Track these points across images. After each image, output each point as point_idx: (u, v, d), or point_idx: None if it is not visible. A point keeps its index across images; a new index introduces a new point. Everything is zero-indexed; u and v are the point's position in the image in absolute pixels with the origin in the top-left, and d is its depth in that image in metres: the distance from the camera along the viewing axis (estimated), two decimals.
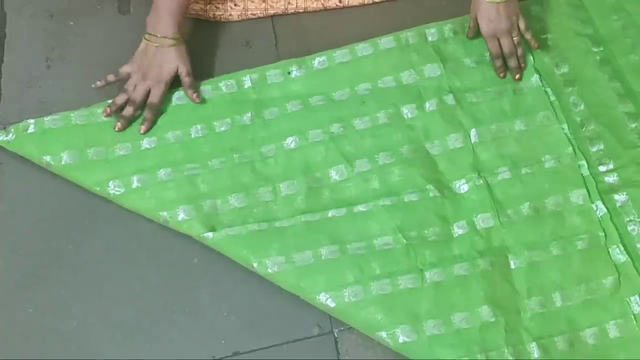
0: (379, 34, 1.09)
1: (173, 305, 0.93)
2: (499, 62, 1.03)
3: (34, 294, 0.95)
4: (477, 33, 1.05)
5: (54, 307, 0.93)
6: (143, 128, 1.02)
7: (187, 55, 1.05)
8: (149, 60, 1.03)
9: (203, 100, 1.05)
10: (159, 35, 1.02)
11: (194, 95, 1.04)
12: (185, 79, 1.04)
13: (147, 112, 1.03)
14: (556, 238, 0.92)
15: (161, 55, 1.03)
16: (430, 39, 1.09)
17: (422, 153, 0.99)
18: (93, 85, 1.04)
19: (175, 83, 1.07)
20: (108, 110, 1.03)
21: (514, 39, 1.02)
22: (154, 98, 1.03)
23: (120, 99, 1.03)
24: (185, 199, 0.97)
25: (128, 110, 1.02)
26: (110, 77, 1.04)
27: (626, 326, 0.86)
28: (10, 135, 1.04)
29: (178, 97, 1.06)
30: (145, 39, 1.04)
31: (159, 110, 1.04)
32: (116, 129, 1.02)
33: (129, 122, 1.03)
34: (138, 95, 1.02)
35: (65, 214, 1.00)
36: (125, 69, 1.04)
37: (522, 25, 1.02)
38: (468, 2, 1.04)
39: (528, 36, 1.03)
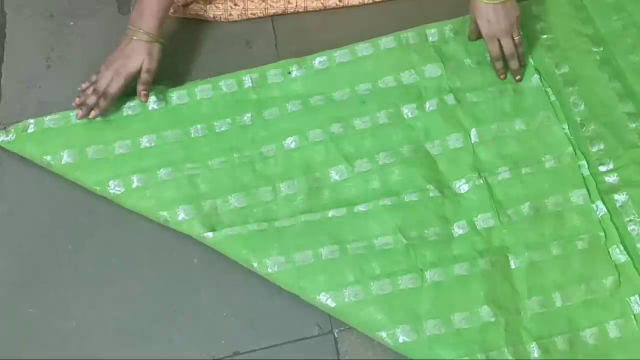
0: (379, 33, 1.09)
1: (173, 305, 0.93)
2: (499, 65, 1.03)
3: (34, 294, 0.95)
4: (479, 35, 1.04)
5: (54, 307, 0.94)
6: (93, 113, 1.02)
7: (158, 54, 1.04)
8: (119, 52, 1.03)
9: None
10: (140, 30, 1.02)
11: (143, 92, 1.02)
12: (143, 75, 1.02)
13: (102, 99, 1.02)
14: (556, 238, 0.92)
15: (132, 48, 1.02)
16: (430, 39, 1.09)
17: (422, 153, 0.99)
18: (78, 88, 1.04)
19: (175, 81, 1.07)
20: (77, 100, 1.03)
21: (515, 38, 1.02)
22: (111, 88, 1.01)
23: (89, 90, 1.03)
24: (185, 198, 0.97)
25: (90, 99, 1.02)
26: (93, 77, 1.04)
27: (626, 326, 0.86)
28: (11, 135, 1.04)
29: (178, 96, 1.06)
30: (125, 34, 1.03)
31: (114, 100, 1.03)
32: (77, 116, 1.02)
33: (90, 109, 1.02)
34: (100, 85, 1.02)
35: (65, 214, 1.00)
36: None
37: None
38: (468, 2, 1.04)
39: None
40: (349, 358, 0.89)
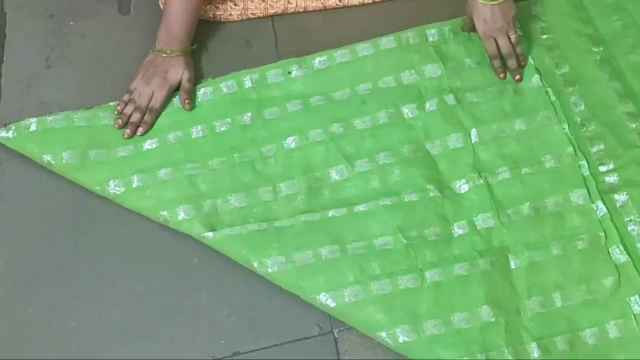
0: (379, 33, 1.09)
1: (173, 305, 0.93)
2: (497, 63, 1.03)
3: (34, 294, 0.95)
4: (472, 27, 1.05)
5: (54, 307, 0.94)
6: (141, 130, 1.03)
7: (192, 62, 1.08)
8: (154, 68, 1.05)
9: (194, 107, 1.06)
10: (168, 51, 1.05)
11: (186, 100, 1.04)
12: (186, 85, 1.05)
13: (148, 114, 1.03)
14: (556, 238, 0.92)
15: (168, 62, 1.05)
16: (431, 39, 1.09)
17: (422, 153, 0.99)
18: (115, 112, 1.04)
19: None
20: (120, 122, 1.03)
21: (511, 37, 1.02)
22: (155, 102, 1.04)
23: (129, 109, 1.04)
24: (185, 198, 0.97)
25: (135, 117, 1.03)
26: (125, 97, 1.05)
27: (626, 326, 0.86)
28: (11, 132, 1.04)
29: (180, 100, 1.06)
30: (153, 52, 1.06)
31: (159, 113, 1.05)
32: (125, 135, 1.02)
33: (137, 127, 1.03)
34: (143, 101, 1.04)
35: (65, 214, 1.00)
36: (132, 84, 1.05)
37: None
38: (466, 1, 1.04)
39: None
40: (349, 358, 0.89)
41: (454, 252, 0.91)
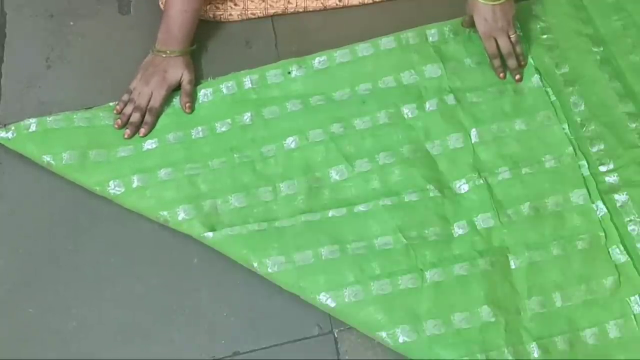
0: (379, 33, 1.09)
1: (173, 305, 0.93)
2: (497, 62, 1.03)
3: (34, 294, 0.95)
4: (472, 24, 1.05)
5: (54, 307, 0.94)
6: (142, 131, 1.03)
7: (192, 63, 1.08)
8: (153, 68, 1.05)
9: (193, 109, 1.06)
10: (168, 51, 1.05)
11: (187, 104, 1.05)
12: (186, 87, 1.05)
13: (148, 115, 1.04)
14: (556, 238, 0.92)
15: (167, 62, 1.05)
16: (430, 39, 1.09)
17: (422, 153, 0.99)
18: (114, 111, 1.05)
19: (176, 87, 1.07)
20: (119, 122, 1.03)
21: (511, 36, 1.02)
22: (154, 102, 1.04)
23: (128, 109, 1.04)
24: (185, 198, 0.97)
25: (135, 117, 1.03)
26: (125, 97, 1.05)
27: (626, 326, 0.86)
28: (11, 133, 1.04)
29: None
30: (153, 52, 1.06)
31: (159, 113, 1.05)
32: (125, 135, 1.03)
33: (137, 127, 1.03)
34: (142, 101, 1.04)
35: (65, 214, 1.00)
36: (132, 84, 1.06)
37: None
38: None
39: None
40: (349, 358, 0.89)
41: (454, 252, 0.91)
